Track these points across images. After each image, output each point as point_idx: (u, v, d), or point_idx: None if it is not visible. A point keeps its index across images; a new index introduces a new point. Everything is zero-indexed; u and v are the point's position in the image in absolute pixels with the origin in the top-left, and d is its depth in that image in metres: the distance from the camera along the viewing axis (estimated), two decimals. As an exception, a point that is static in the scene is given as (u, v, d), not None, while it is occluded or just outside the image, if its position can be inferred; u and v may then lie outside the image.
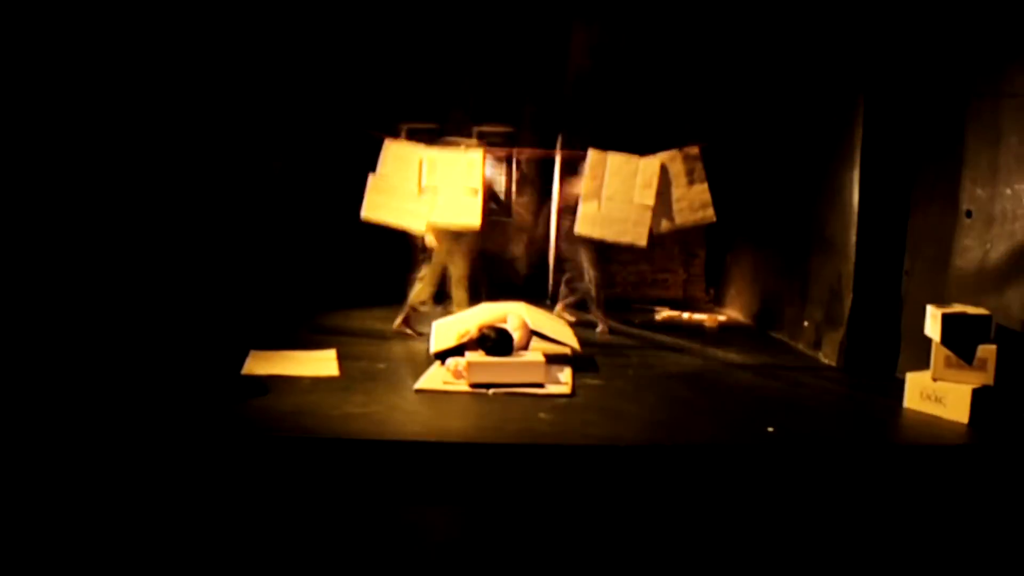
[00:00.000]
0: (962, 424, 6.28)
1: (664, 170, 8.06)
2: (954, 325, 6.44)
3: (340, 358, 7.75)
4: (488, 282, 9.28)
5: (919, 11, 7.62)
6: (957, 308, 6.59)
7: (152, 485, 5.24)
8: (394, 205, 8.24)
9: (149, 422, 5.74)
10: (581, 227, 8.28)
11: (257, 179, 11.30)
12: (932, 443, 5.98)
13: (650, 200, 7.97)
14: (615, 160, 8.09)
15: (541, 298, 11.48)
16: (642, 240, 8.12)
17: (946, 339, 6.45)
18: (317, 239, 11.52)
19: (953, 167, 7.23)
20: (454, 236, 8.72)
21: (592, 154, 8.17)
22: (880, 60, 7.88)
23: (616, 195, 8.05)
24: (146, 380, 6.81)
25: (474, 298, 8.89)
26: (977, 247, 6.93)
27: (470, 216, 8.32)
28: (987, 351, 6.38)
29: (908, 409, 6.67)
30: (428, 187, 8.27)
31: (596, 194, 8.09)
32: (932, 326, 6.60)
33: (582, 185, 8.30)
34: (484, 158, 8.51)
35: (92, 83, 8.82)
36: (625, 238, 8.23)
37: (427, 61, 12.74)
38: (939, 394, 6.48)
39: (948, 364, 6.49)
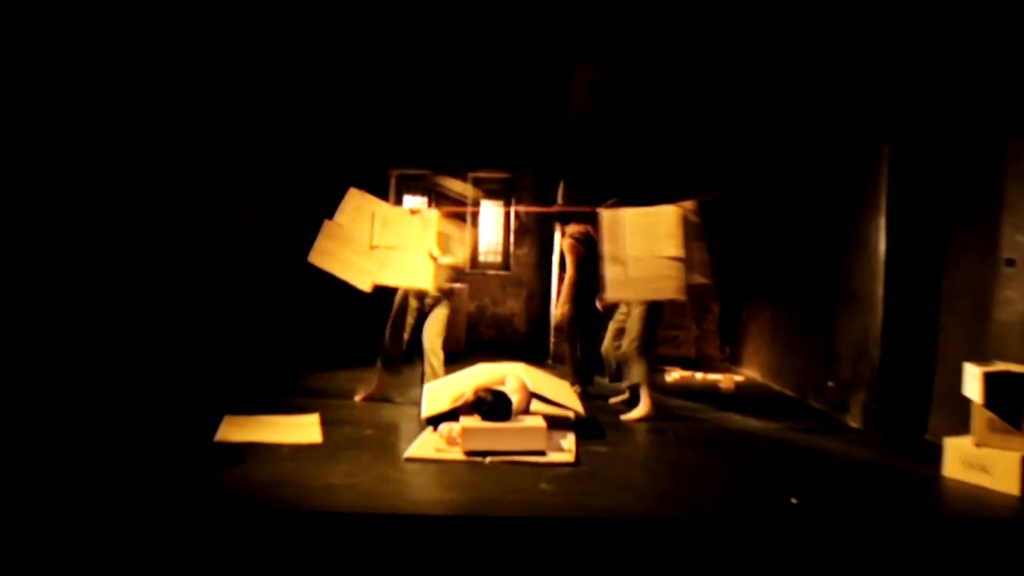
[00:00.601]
0: (1013, 496, 6.13)
1: (687, 222, 8.04)
2: (998, 385, 6.33)
3: (323, 423, 7.67)
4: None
5: (948, 45, 7.63)
6: (1000, 366, 6.50)
7: (116, 566, 5.11)
8: (344, 256, 8.38)
9: (111, 495, 5.61)
10: (612, 293, 8.22)
11: (234, 230, 11.25)
12: (979, 516, 5.85)
13: (677, 251, 7.93)
14: (631, 216, 8.08)
15: (542, 358, 11.44)
16: (681, 294, 8.05)
17: (989, 401, 6.34)
18: (299, 295, 11.46)
19: (990, 212, 7.19)
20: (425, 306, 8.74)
21: (606, 215, 8.15)
22: (907, 98, 7.89)
23: (642, 253, 8.01)
24: (108, 446, 6.70)
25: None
26: (1020, 299, 6.86)
27: (422, 278, 8.42)
28: (1038, 413, 6.29)
29: (948, 478, 6.55)
30: (380, 245, 8.37)
31: (620, 256, 8.04)
32: (972, 386, 6.49)
33: (604, 247, 8.20)
34: (439, 219, 8.61)
35: (59, 120, 8.82)
36: (662, 295, 8.15)
37: (419, 102, 12.79)
38: (984, 462, 6.35)
39: (992, 428, 6.36)
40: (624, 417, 8.33)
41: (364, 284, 8.38)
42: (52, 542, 5.17)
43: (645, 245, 8.00)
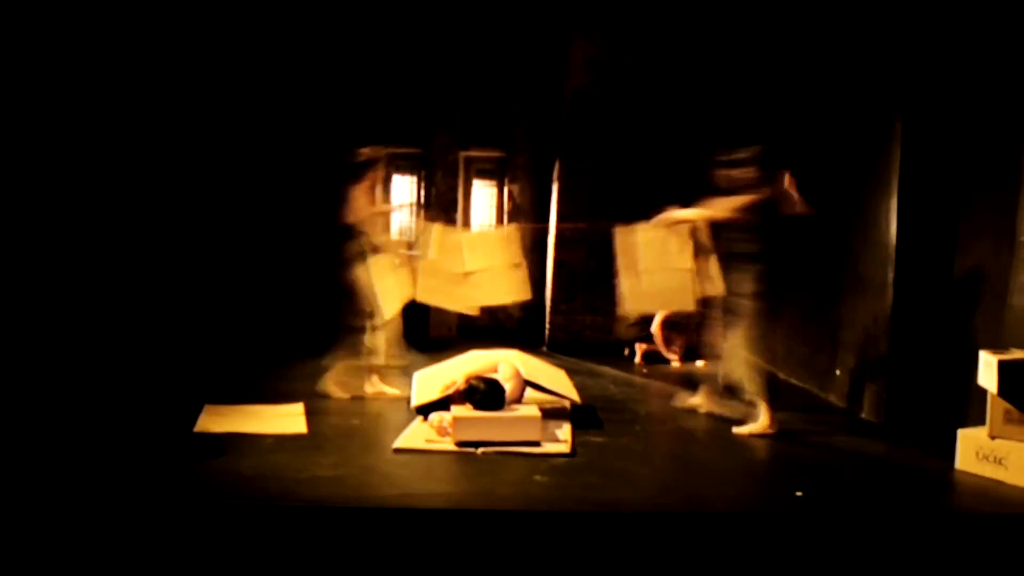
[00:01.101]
0: (1028, 489, 6.16)
1: (697, 234, 8.41)
2: (1013, 373, 6.30)
3: (308, 413, 7.66)
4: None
5: (966, 14, 7.56)
6: (1016, 354, 6.47)
7: (92, 562, 5.10)
8: (445, 289, 9.00)
9: (85, 488, 5.59)
10: (629, 305, 8.77)
11: (216, 208, 11.22)
12: (992, 511, 5.82)
13: (688, 263, 8.29)
14: (643, 233, 8.39)
15: (536, 344, 11.41)
16: (689, 304, 8.52)
17: (1004, 390, 6.31)
18: (284, 278, 11.43)
19: (1008, 194, 7.14)
20: None
21: (619, 232, 8.51)
22: (920, 71, 7.84)
23: (654, 267, 8.46)
24: (83, 437, 6.69)
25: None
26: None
27: (518, 292, 9.17)
28: (1056, 403, 6.27)
29: (961, 471, 6.53)
30: (474, 270, 9.00)
31: (633, 269, 8.54)
32: (987, 375, 6.47)
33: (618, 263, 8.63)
34: (515, 231, 9.57)
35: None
36: (672, 306, 9.08)
37: (409, 78, 12.71)
38: (999, 454, 6.33)
39: (1008, 419, 6.34)
40: (738, 430, 7.74)
41: (471, 310, 9.25)
42: (26, 538, 5.16)
43: (657, 258, 8.44)
